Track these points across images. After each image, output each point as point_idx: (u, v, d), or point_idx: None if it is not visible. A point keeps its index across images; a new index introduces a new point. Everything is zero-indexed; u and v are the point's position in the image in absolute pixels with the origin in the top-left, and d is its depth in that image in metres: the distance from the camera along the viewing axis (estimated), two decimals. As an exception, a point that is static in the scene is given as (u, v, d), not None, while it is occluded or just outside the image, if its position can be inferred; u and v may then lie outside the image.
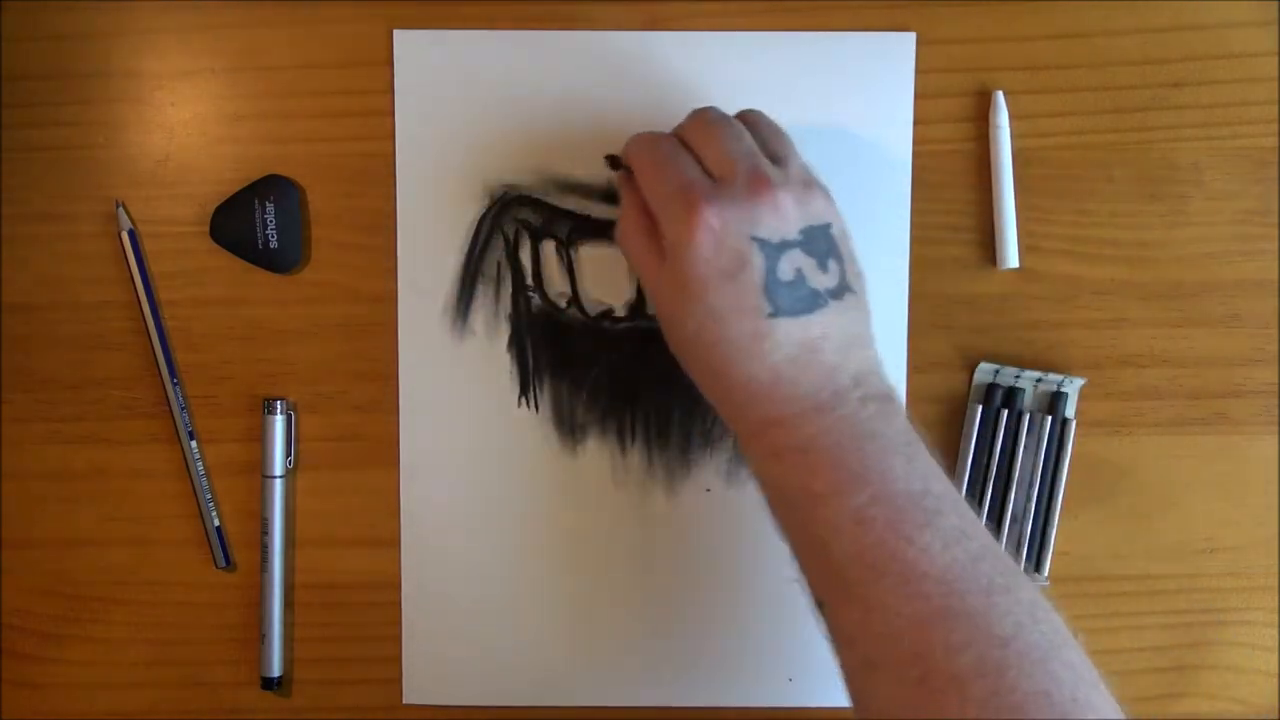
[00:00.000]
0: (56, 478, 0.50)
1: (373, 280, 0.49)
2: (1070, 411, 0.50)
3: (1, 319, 0.49)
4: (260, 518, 0.49)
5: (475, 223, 0.49)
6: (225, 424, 0.50)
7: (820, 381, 0.39)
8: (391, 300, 0.49)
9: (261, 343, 0.50)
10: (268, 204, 0.48)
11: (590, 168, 0.49)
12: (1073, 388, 0.49)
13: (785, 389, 0.39)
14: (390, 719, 0.50)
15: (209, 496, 0.50)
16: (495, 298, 0.49)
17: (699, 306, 0.39)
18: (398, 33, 0.48)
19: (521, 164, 0.49)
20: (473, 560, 0.50)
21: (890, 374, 0.41)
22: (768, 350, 0.39)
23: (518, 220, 0.49)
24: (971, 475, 0.50)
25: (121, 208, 0.49)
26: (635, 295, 0.49)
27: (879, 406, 0.39)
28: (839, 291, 0.40)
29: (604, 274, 0.49)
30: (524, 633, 0.50)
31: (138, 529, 0.50)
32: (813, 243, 0.40)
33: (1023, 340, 0.50)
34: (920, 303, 0.49)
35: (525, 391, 0.50)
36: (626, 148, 0.43)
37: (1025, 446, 0.50)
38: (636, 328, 0.49)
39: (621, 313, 0.49)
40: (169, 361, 0.49)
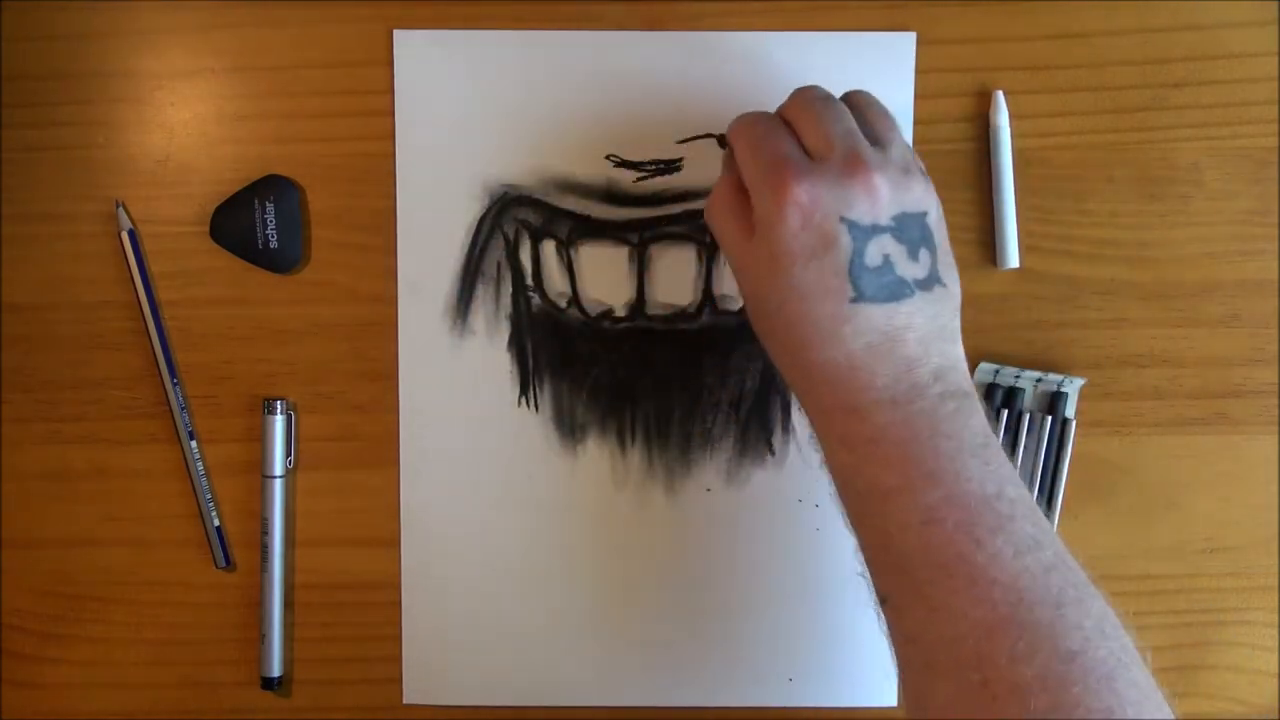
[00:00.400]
0: (56, 478, 0.50)
1: (373, 280, 0.49)
2: (1070, 411, 0.50)
3: (1, 319, 0.49)
4: (260, 518, 0.49)
5: (475, 223, 0.49)
6: (225, 424, 0.50)
7: (898, 373, 0.38)
8: (391, 300, 0.49)
9: (261, 343, 0.50)
10: (268, 204, 0.48)
11: (590, 167, 0.49)
12: (1073, 388, 0.49)
13: (862, 377, 0.38)
14: (390, 719, 0.50)
15: (209, 496, 0.50)
16: (495, 298, 0.49)
17: (783, 283, 0.39)
18: (398, 33, 0.48)
19: (521, 164, 0.49)
20: (473, 560, 0.50)
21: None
22: (848, 335, 0.38)
23: (518, 220, 0.49)
24: (971, 475, 0.50)
25: (121, 208, 0.49)
26: (635, 295, 0.49)
27: (958, 404, 0.39)
28: (928, 283, 0.39)
29: (604, 274, 0.49)
30: (524, 633, 0.50)
31: (138, 529, 0.50)
32: (905, 230, 0.39)
33: (1023, 340, 0.50)
34: (920, 303, 0.49)
35: (525, 391, 0.50)
36: (730, 126, 0.43)
37: (1025, 446, 0.50)
38: (636, 328, 0.49)
39: (621, 313, 0.49)
40: (169, 361, 0.49)
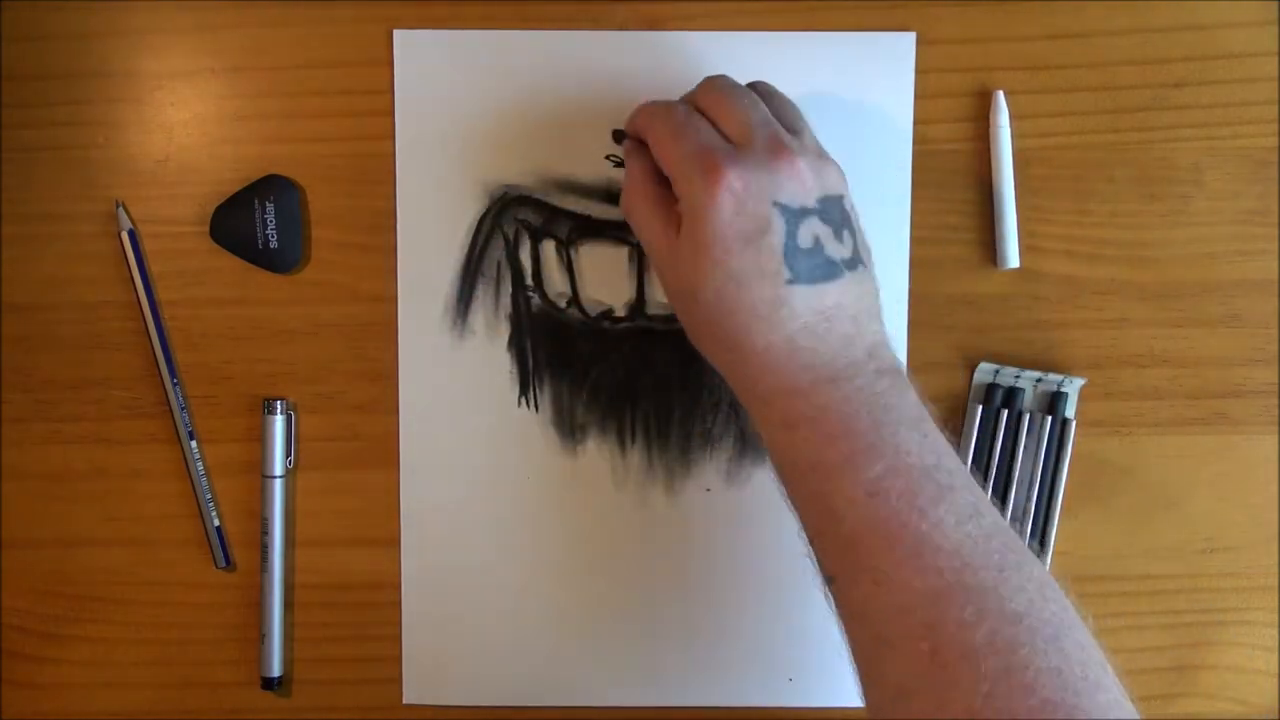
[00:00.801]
0: (56, 478, 0.50)
1: (373, 280, 0.49)
2: (1070, 411, 0.50)
3: (1, 319, 0.49)
4: (260, 518, 0.49)
5: (475, 223, 0.49)
6: (225, 424, 0.50)
7: (836, 351, 0.39)
8: (391, 300, 0.49)
9: (261, 343, 0.50)
10: (268, 204, 0.48)
11: (590, 167, 0.49)
12: (1073, 388, 0.49)
13: (801, 357, 0.39)
14: (390, 719, 0.50)
15: (209, 496, 0.50)
16: (495, 298, 0.49)
17: (718, 271, 0.39)
18: (398, 33, 0.48)
19: (521, 164, 0.49)
20: (473, 560, 0.50)
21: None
22: (785, 317, 0.39)
23: (518, 220, 0.49)
24: (971, 475, 0.50)
25: (121, 208, 0.49)
26: (635, 295, 0.49)
27: (891, 380, 0.39)
28: (852, 263, 0.40)
29: (604, 274, 0.49)
30: (524, 633, 0.50)
31: (138, 529, 0.50)
32: (829, 212, 0.40)
33: (1023, 340, 0.50)
34: (920, 303, 0.49)
35: (525, 391, 0.50)
36: (635, 117, 0.43)
37: (1025, 446, 0.50)
38: (636, 328, 0.49)
39: (621, 313, 0.49)
40: (169, 361, 0.49)
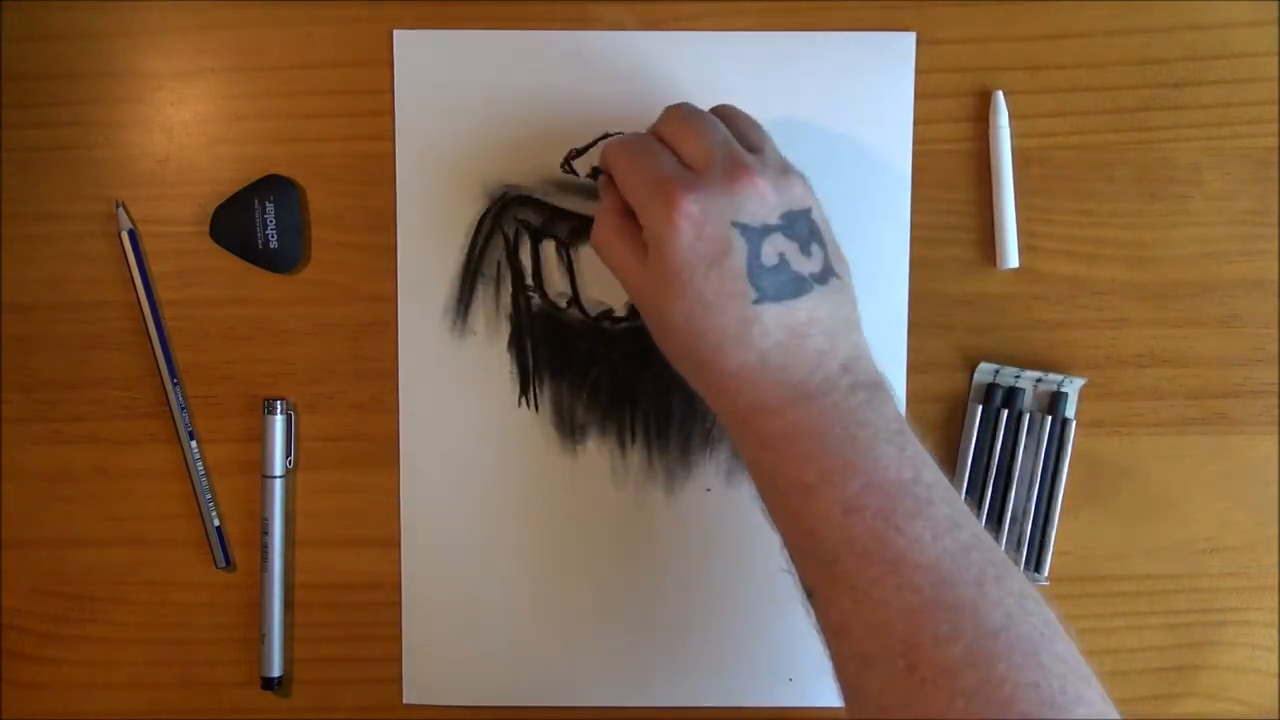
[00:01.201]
0: (56, 478, 0.50)
1: (373, 280, 0.49)
2: (1070, 411, 0.50)
3: (1, 319, 0.49)
4: (260, 518, 0.49)
5: (475, 223, 0.49)
6: (225, 424, 0.50)
7: (809, 367, 0.39)
8: (391, 300, 0.49)
9: (261, 343, 0.50)
10: (268, 204, 0.48)
11: (590, 168, 0.49)
12: (1073, 388, 0.49)
13: (774, 375, 0.39)
14: (390, 719, 0.50)
15: (209, 496, 0.50)
16: (495, 298, 0.49)
17: (685, 296, 0.39)
18: (398, 33, 0.48)
19: (521, 164, 0.49)
20: (473, 560, 0.50)
21: (890, 374, 0.41)
22: (756, 336, 0.39)
23: (518, 220, 0.49)
24: (971, 475, 0.50)
25: (121, 208, 0.49)
26: (635, 295, 0.49)
27: (869, 394, 0.39)
28: (823, 276, 0.40)
29: (604, 274, 0.49)
30: (524, 633, 0.50)
31: (138, 529, 0.50)
32: (793, 227, 0.40)
33: (1023, 340, 0.50)
34: (920, 303, 0.49)
35: (525, 391, 0.50)
36: (603, 153, 0.43)
37: (1025, 446, 0.50)
38: (636, 328, 0.49)
39: (621, 313, 0.49)
40: (169, 361, 0.49)
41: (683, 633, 0.50)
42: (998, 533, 0.49)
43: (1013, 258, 0.49)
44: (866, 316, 0.42)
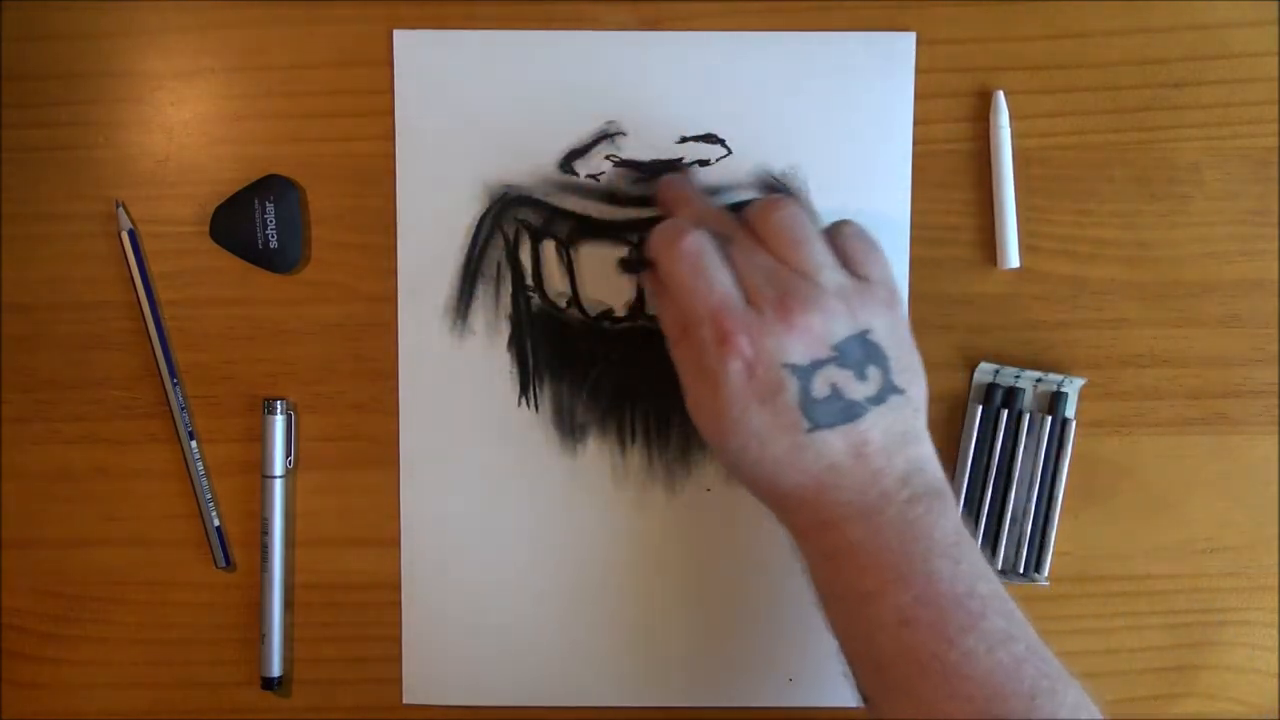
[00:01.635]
0: (56, 478, 0.50)
1: (373, 280, 0.49)
2: (1070, 411, 0.50)
3: (1, 319, 0.49)
4: (260, 518, 0.49)
5: (475, 223, 0.49)
6: (225, 424, 0.50)
7: (865, 484, 0.40)
8: (391, 300, 0.49)
9: (261, 343, 0.50)
10: (268, 204, 0.48)
11: (590, 168, 0.49)
12: (1073, 388, 0.49)
13: (830, 494, 0.40)
14: (390, 719, 0.50)
15: (209, 496, 0.50)
16: (495, 298, 0.49)
17: (739, 429, 0.40)
18: (398, 33, 0.48)
19: (521, 164, 0.49)
20: (473, 560, 0.50)
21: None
22: (810, 461, 0.40)
23: (518, 220, 0.49)
24: (971, 475, 0.50)
25: (121, 208, 0.49)
26: (635, 295, 0.49)
27: (927, 505, 0.40)
28: (881, 396, 0.40)
29: (604, 274, 0.49)
30: (524, 633, 0.50)
31: (138, 529, 0.50)
32: (847, 355, 0.40)
33: (1023, 340, 0.50)
34: (920, 303, 0.49)
35: (525, 391, 0.50)
36: (652, 243, 0.43)
37: (1025, 446, 0.50)
38: (636, 328, 0.49)
39: (621, 313, 0.49)
40: (169, 361, 0.49)
41: (683, 633, 0.50)
42: (998, 533, 0.50)
43: (1013, 258, 0.49)
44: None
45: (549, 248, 0.49)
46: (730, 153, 0.48)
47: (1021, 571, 0.50)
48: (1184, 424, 0.50)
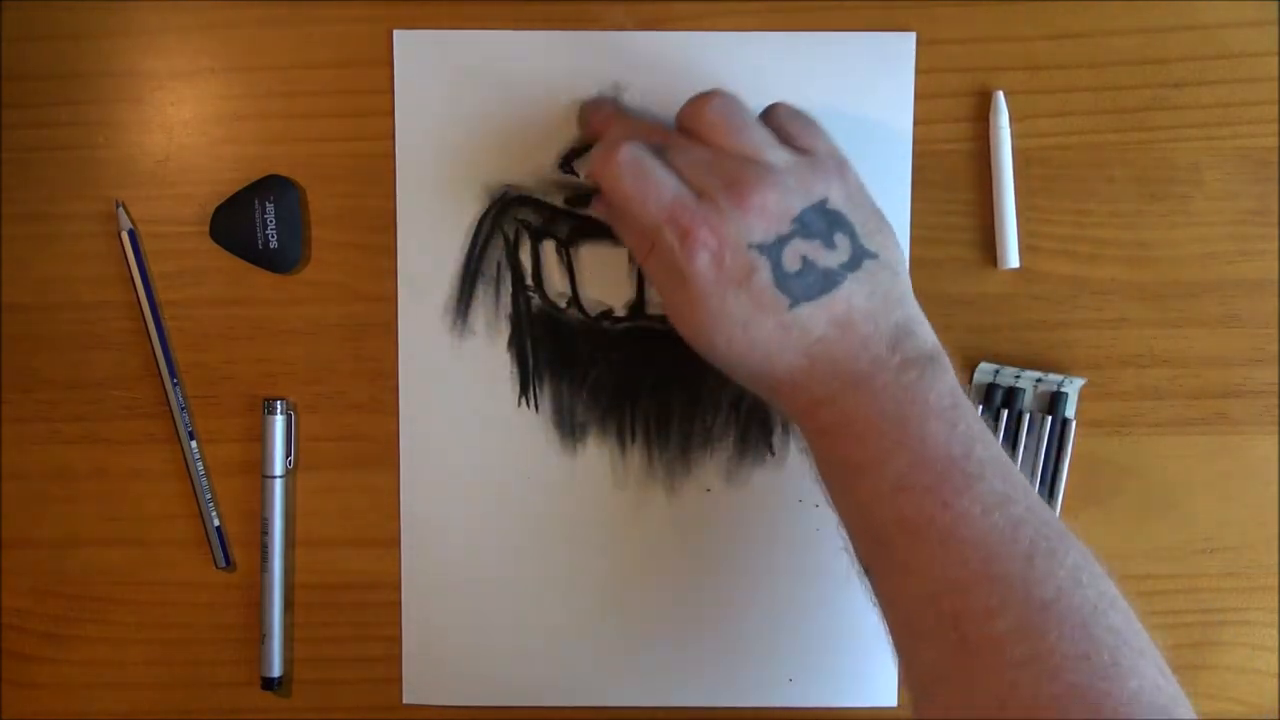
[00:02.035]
0: (56, 478, 0.50)
1: (373, 280, 0.49)
2: (1070, 411, 0.50)
3: (1, 319, 0.49)
4: (260, 518, 0.49)
5: (475, 223, 0.49)
6: (225, 424, 0.50)
7: (855, 353, 0.40)
8: (391, 300, 0.49)
9: (261, 343, 0.50)
10: (268, 204, 0.48)
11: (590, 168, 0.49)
12: (1073, 388, 0.49)
13: (823, 368, 0.40)
14: (390, 719, 0.50)
15: (209, 496, 0.50)
16: (495, 298, 0.49)
17: (721, 322, 0.40)
18: (398, 33, 0.48)
19: (521, 164, 0.49)
20: (472, 560, 0.50)
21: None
22: (798, 339, 0.40)
23: (518, 220, 0.49)
24: (971, 475, 0.50)
25: (121, 208, 0.49)
26: (635, 295, 0.49)
27: (920, 369, 0.39)
28: (854, 262, 0.40)
29: (604, 274, 0.49)
30: (524, 633, 0.50)
31: (138, 529, 0.50)
32: (810, 226, 0.40)
33: (1023, 340, 0.50)
34: (920, 302, 0.49)
35: (525, 391, 0.50)
36: (591, 168, 0.42)
37: (1025, 446, 0.50)
38: (636, 328, 0.49)
39: (621, 313, 0.49)
40: (169, 361, 0.49)
41: (682, 633, 0.50)
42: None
43: (1013, 258, 0.49)
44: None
45: (549, 248, 0.49)
46: (730, 153, 0.48)
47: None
48: (1184, 424, 0.50)
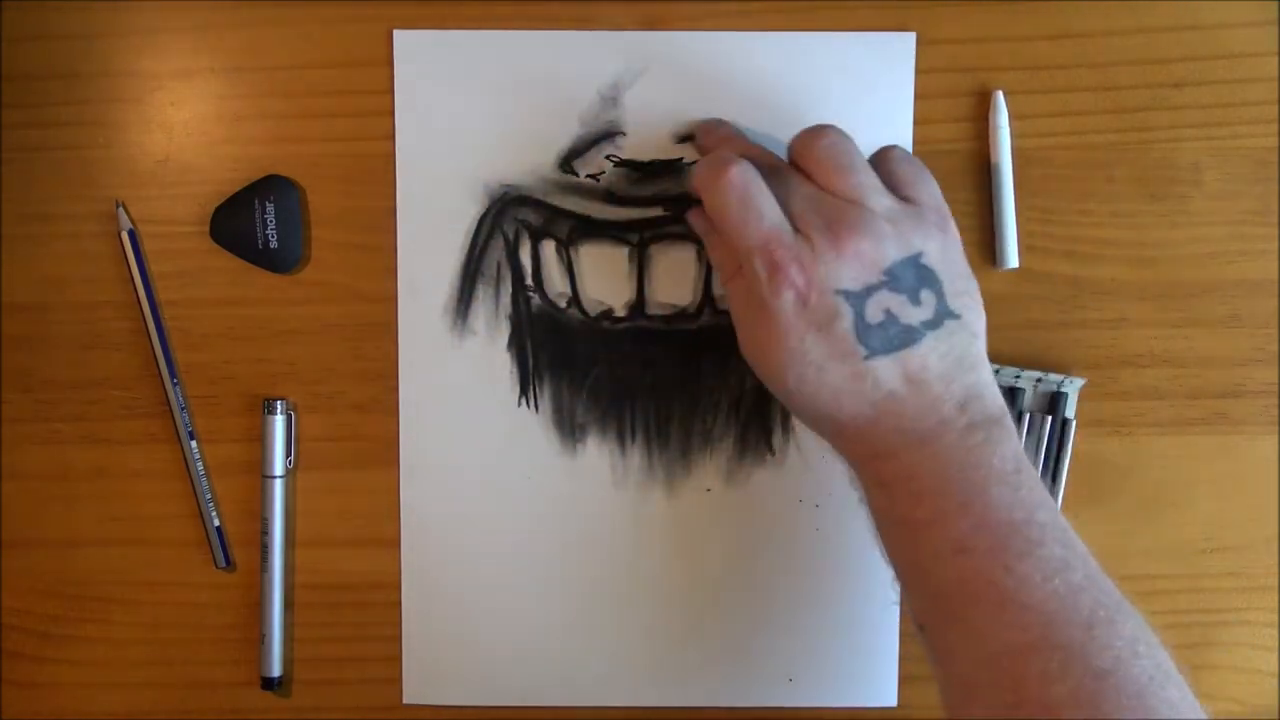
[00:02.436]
0: (56, 478, 0.50)
1: (373, 280, 0.49)
2: (1070, 411, 0.50)
3: (1, 319, 0.49)
4: (260, 518, 0.49)
5: (475, 223, 0.49)
6: (225, 424, 0.50)
7: (924, 411, 0.39)
8: (391, 300, 0.49)
9: (261, 343, 0.50)
10: (268, 204, 0.48)
11: (590, 168, 0.49)
12: (1073, 388, 0.49)
13: (889, 422, 0.40)
14: (390, 719, 0.50)
15: (209, 496, 0.50)
16: (495, 298, 0.49)
17: (795, 360, 0.40)
18: (398, 33, 0.48)
19: (521, 164, 0.49)
20: (473, 560, 0.50)
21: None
22: (868, 389, 0.39)
23: (518, 220, 0.49)
24: (971, 475, 0.50)
25: (121, 208, 0.49)
26: (635, 295, 0.49)
27: (986, 433, 0.39)
28: (936, 321, 0.40)
29: (604, 274, 0.49)
30: (524, 633, 0.50)
31: (138, 529, 0.50)
32: (899, 279, 0.40)
33: (1023, 340, 0.50)
34: (920, 303, 0.49)
35: (525, 391, 0.50)
36: (697, 177, 0.42)
37: (1025, 446, 0.49)
38: (636, 328, 0.49)
39: (621, 313, 0.49)
40: (169, 361, 0.49)
41: (682, 633, 0.50)
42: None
43: (1013, 258, 0.49)
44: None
45: (549, 248, 0.49)
46: (730, 153, 0.48)
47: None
48: (1184, 424, 0.50)
